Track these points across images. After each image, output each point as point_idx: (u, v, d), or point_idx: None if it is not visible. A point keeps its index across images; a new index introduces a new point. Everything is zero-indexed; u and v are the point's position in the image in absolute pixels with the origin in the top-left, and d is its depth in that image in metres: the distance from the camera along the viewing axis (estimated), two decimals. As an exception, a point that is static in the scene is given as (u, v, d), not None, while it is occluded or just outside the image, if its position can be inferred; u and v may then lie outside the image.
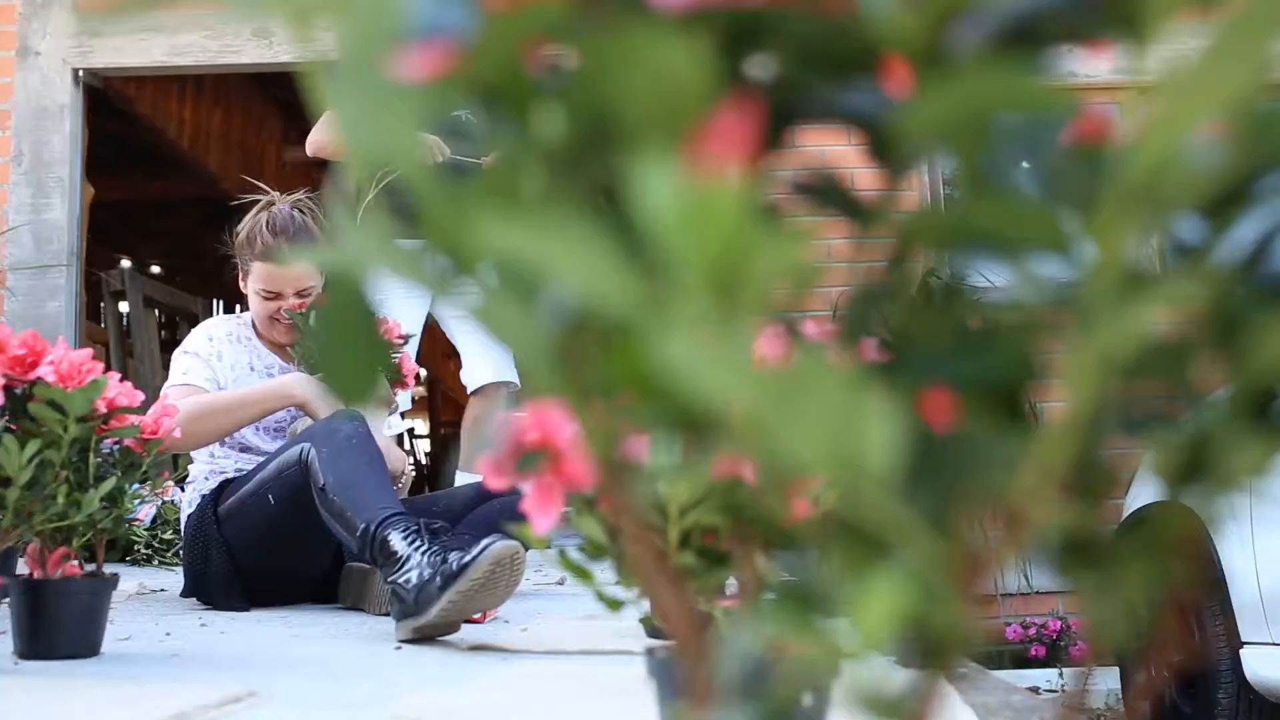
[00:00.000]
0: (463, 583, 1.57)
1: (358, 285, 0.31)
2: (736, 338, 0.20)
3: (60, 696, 1.19)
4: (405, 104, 0.23)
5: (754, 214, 0.20)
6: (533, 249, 0.20)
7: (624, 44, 0.21)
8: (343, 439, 2.00)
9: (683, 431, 0.24)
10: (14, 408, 1.41)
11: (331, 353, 0.31)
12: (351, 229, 0.30)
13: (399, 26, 0.23)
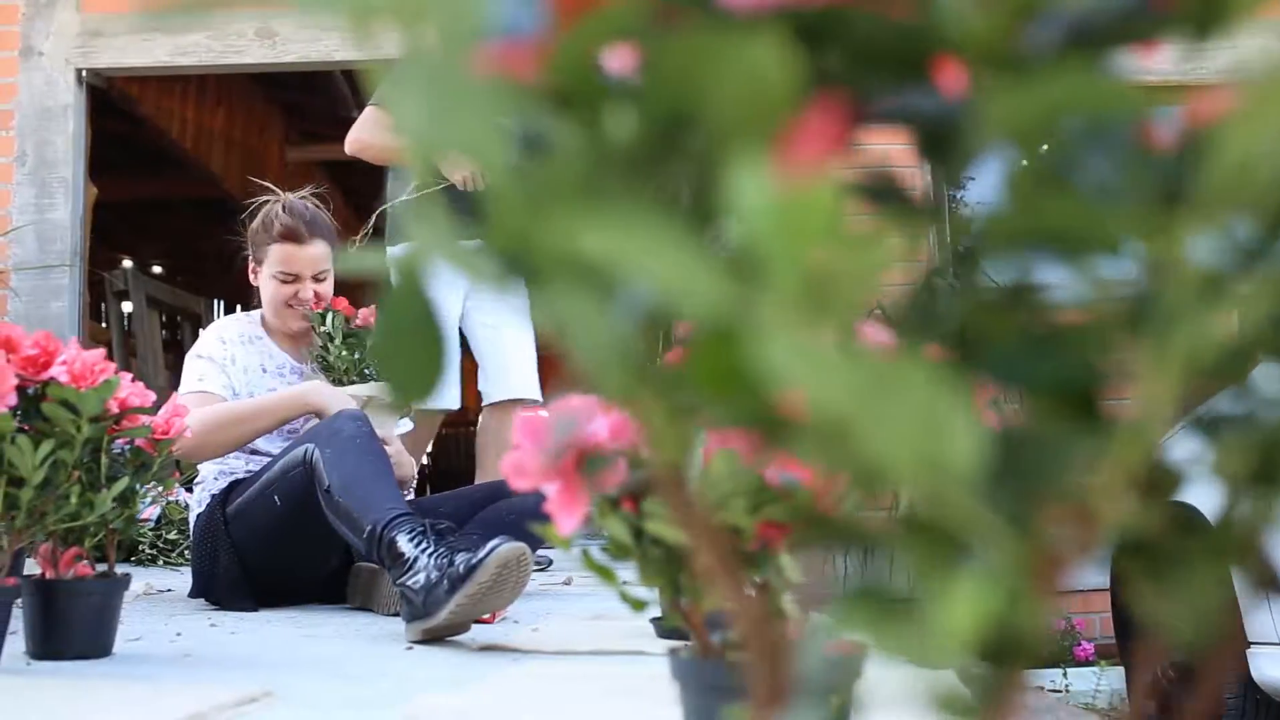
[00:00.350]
0: (470, 585, 1.57)
1: (419, 282, 0.31)
2: (829, 338, 0.20)
3: (75, 697, 1.19)
4: (490, 104, 0.23)
5: (845, 216, 0.20)
6: (623, 250, 0.20)
7: (710, 46, 0.21)
8: (346, 439, 1.99)
9: (756, 432, 0.24)
10: (26, 408, 1.41)
11: (392, 350, 0.31)
12: (415, 225, 0.30)
13: (481, 26, 0.23)
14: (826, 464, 0.23)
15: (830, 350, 0.20)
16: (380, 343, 0.31)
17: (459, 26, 0.23)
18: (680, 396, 0.25)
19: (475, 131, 0.23)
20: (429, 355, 0.31)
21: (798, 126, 0.22)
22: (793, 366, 0.20)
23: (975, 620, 0.22)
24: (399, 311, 0.31)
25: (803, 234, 0.20)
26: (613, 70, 0.26)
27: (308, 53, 4.85)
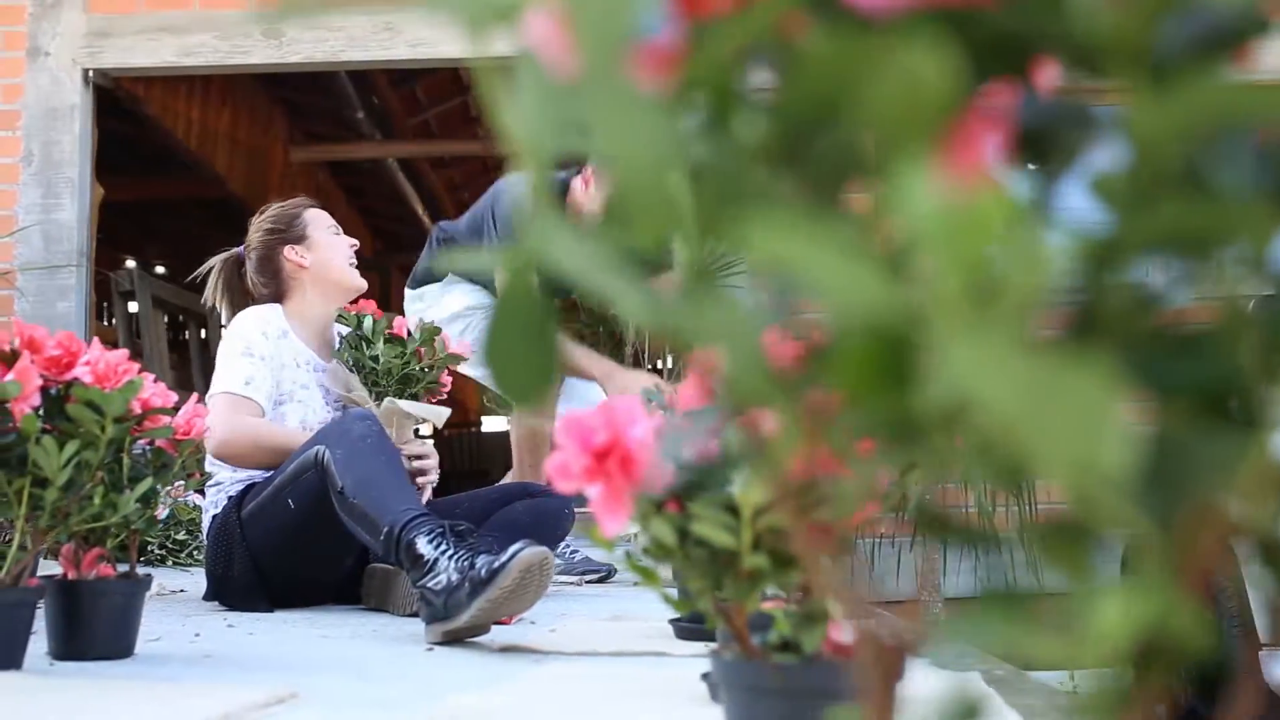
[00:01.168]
0: (492, 590, 1.57)
1: (530, 286, 0.30)
2: (998, 341, 0.20)
3: (103, 698, 1.18)
4: (652, 107, 0.23)
5: (1012, 222, 0.20)
6: (790, 252, 0.20)
7: (865, 50, 0.21)
8: (355, 439, 1.98)
9: (902, 437, 0.24)
10: (49, 408, 1.41)
11: (505, 354, 0.31)
12: (536, 227, 0.30)
13: (633, 29, 0.23)
14: (968, 465, 0.23)
15: (1000, 352, 0.20)
16: (492, 346, 0.31)
17: (610, 29, 0.23)
18: (814, 399, 0.25)
19: (636, 137, 0.23)
20: (541, 359, 0.30)
21: (959, 130, 0.22)
22: (963, 368, 0.20)
23: (1129, 625, 0.22)
24: (510, 315, 0.30)
25: (973, 238, 0.20)
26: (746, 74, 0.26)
27: (314, 53, 4.84)
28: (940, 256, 0.20)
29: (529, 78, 0.29)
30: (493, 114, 0.31)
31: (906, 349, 0.21)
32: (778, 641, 0.80)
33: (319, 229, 2.48)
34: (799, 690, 0.76)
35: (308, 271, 2.43)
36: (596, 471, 0.76)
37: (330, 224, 2.53)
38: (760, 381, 0.24)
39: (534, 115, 0.29)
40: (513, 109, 0.30)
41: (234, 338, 2.32)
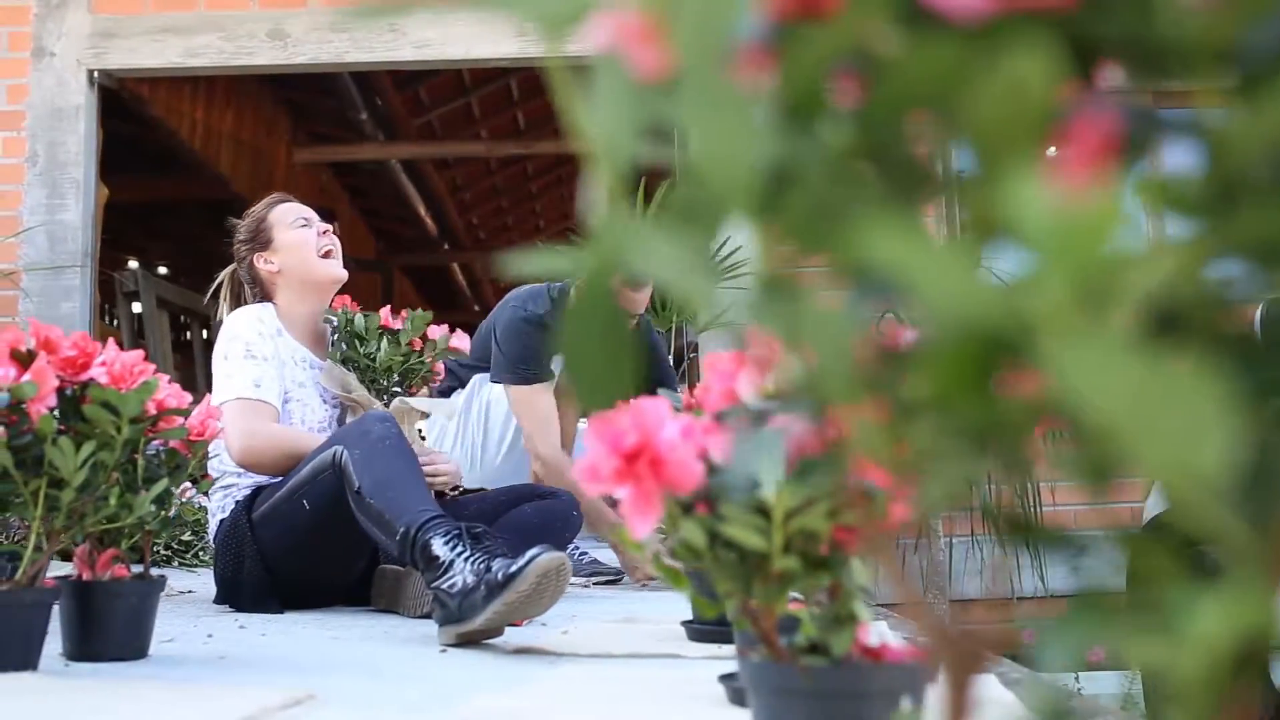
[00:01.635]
0: (509, 593, 1.56)
1: (607, 288, 0.30)
2: (1109, 344, 0.20)
3: (122, 699, 1.18)
4: (750, 110, 0.23)
5: (1123, 225, 0.20)
6: (895, 256, 0.20)
7: (967, 55, 0.21)
8: (375, 440, 1.97)
9: (988, 439, 0.24)
10: (64, 409, 1.41)
11: (581, 355, 0.31)
12: (613, 230, 0.30)
13: (734, 31, 0.23)
14: (1067, 467, 0.23)
15: (1110, 356, 0.20)
16: (570, 349, 0.31)
17: (711, 30, 0.23)
18: (904, 401, 0.25)
19: (733, 139, 0.23)
20: (618, 362, 0.30)
21: (1067, 134, 0.22)
22: (1072, 370, 0.20)
23: (1229, 629, 0.22)
24: (587, 317, 0.30)
25: (1086, 242, 0.20)
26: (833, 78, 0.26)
27: (319, 54, 4.84)
28: (1052, 261, 0.20)
29: (607, 78, 0.29)
30: (568, 114, 0.31)
31: (1005, 351, 0.21)
32: (805, 644, 0.80)
33: (282, 229, 2.43)
34: (828, 692, 0.76)
35: (280, 275, 2.41)
36: (626, 473, 0.76)
37: (294, 219, 2.44)
38: (849, 382, 0.24)
39: (612, 116, 0.29)
40: (589, 110, 0.30)
41: (232, 340, 2.29)
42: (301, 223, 2.43)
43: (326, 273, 2.42)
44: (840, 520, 0.74)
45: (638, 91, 0.29)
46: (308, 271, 2.41)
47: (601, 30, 0.29)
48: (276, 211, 2.46)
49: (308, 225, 2.44)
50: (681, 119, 0.24)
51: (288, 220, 2.44)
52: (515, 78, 7.39)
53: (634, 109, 0.29)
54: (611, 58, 0.29)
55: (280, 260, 2.41)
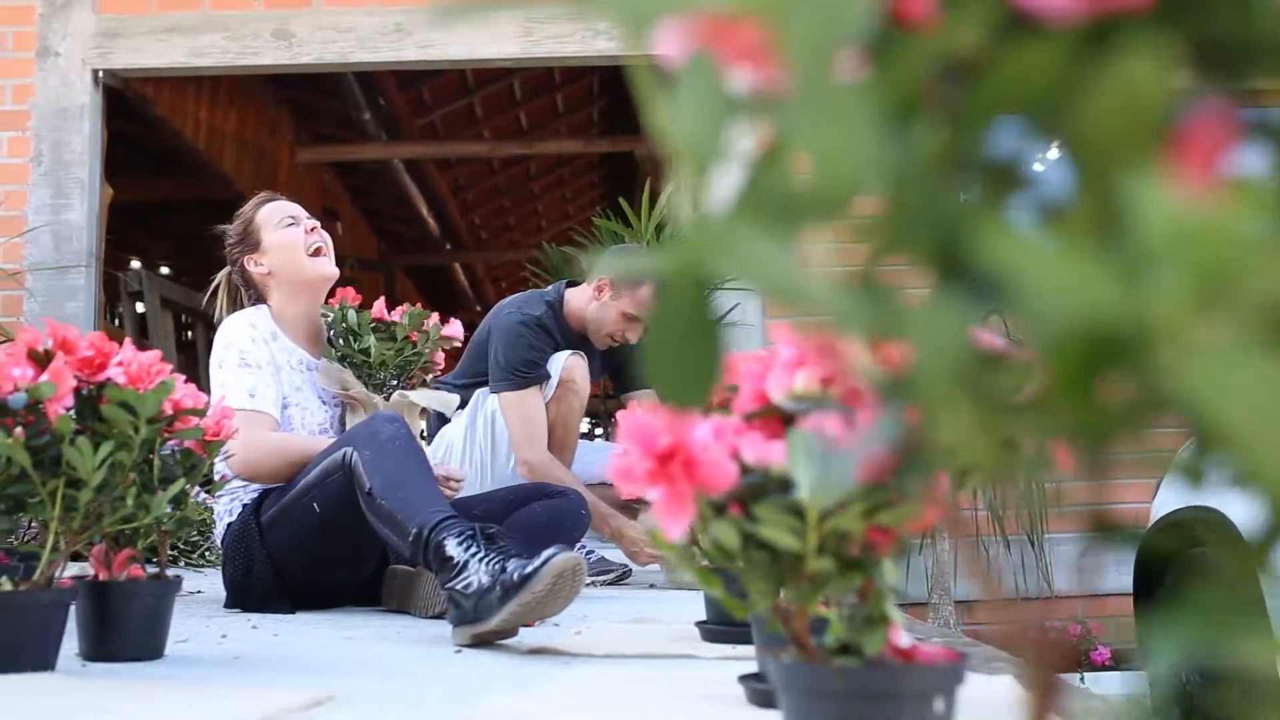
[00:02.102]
0: (524, 594, 1.56)
1: (696, 288, 0.30)
2: (1236, 350, 0.20)
3: (140, 699, 1.18)
4: (863, 114, 0.23)
5: (1247, 229, 0.20)
6: (1012, 259, 0.20)
7: (1074, 58, 0.21)
8: (385, 440, 1.97)
9: (1100, 439, 0.24)
10: (81, 409, 1.41)
11: (666, 355, 0.31)
12: (696, 231, 0.30)
13: (851, 34, 0.23)
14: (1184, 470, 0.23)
15: (1235, 359, 0.20)
16: (654, 349, 0.31)
17: (826, 32, 0.23)
18: (1005, 402, 0.25)
19: (846, 142, 0.23)
20: (705, 363, 0.30)
21: (1184, 136, 0.22)
22: (1197, 373, 0.20)
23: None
24: (673, 317, 0.30)
25: (1211, 245, 0.20)
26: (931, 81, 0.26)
27: (324, 54, 4.84)
28: (1175, 264, 0.20)
29: (694, 78, 0.29)
30: (649, 113, 0.31)
31: (1118, 353, 0.21)
32: (836, 644, 0.80)
33: (269, 229, 2.40)
34: (861, 693, 0.76)
35: (271, 277, 2.39)
36: (659, 474, 0.76)
37: (281, 217, 2.41)
38: (951, 382, 0.24)
39: (698, 117, 0.29)
40: (672, 109, 0.30)
41: (226, 348, 2.28)
42: (289, 221, 2.40)
43: (317, 271, 2.40)
44: (874, 521, 0.74)
45: (725, 92, 0.29)
46: (298, 271, 2.39)
47: (689, 30, 0.29)
48: (263, 212, 2.43)
49: (295, 224, 2.40)
50: (793, 122, 0.24)
51: (274, 220, 2.41)
52: (518, 78, 7.39)
53: (720, 110, 0.29)
54: (699, 58, 0.29)
55: (270, 261, 2.39)
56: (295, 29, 4.86)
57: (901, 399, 0.26)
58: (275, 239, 2.39)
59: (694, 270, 0.30)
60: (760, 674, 1.27)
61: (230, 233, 2.48)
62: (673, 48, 0.30)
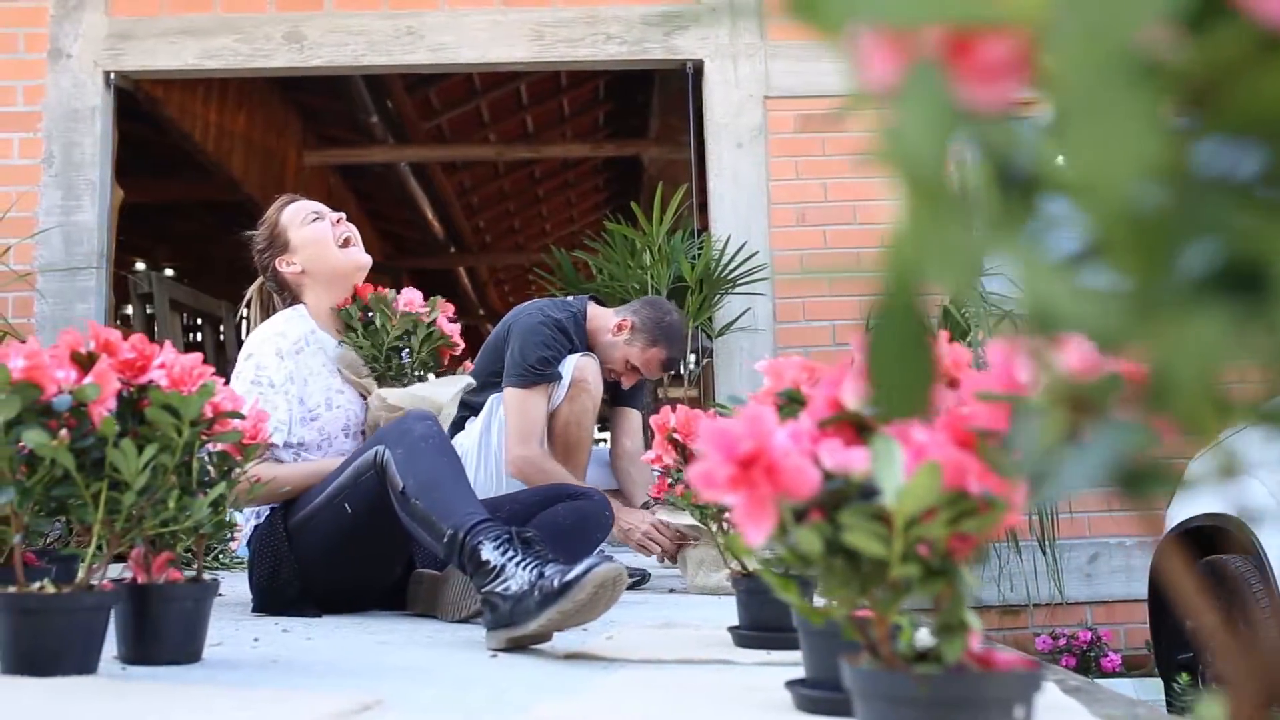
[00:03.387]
0: (565, 602, 1.56)
1: (913, 295, 0.30)
2: None
3: (187, 703, 1.18)
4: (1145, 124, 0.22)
5: None
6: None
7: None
8: (417, 438, 1.95)
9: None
10: (122, 411, 1.41)
11: (883, 367, 0.30)
12: (915, 244, 0.30)
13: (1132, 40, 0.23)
14: None
15: None
16: (872, 361, 0.30)
17: (1112, 38, 0.22)
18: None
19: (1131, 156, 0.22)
20: (921, 375, 0.30)
21: None
22: None
23: None
24: (890, 327, 0.30)
25: None
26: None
27: (335, 57, 4.84)
28: None
29: (917, 90, 0.29)
30: (871, 130, 0.31)
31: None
32: (911, 651, 0.80)
33: (296, 228, 2.39)
34: (944, 700, 0.75)
35: (305, 275, 2.37)
36: (741, 480, 0.76)
37: (306, 215, 2.40)
38: (1205, 398, 0.24)
39: (920, 129, 0.29)
40: (894, 122, 0.30)
41: (245, 359, 2.26)
42: (314, 217, 2.40)
43: (350, 260, 2.38)
44: (957, 528, 0.73)
45: (952, 106, 0.29)
46: (330, 264, 2.37)
47: (912, 42, 0.29)
48: (288, 212, 2.43)
49: (320, 218, 2.41)
50: (1068, 133, 0.24)
51: (299, 218, 2.40)
52: (524, 82, 7.39)
53: (946, 124, 0.29)
54: (924, 70, 0.29)
55: (301, 259, 2.37)
56: (307, 31, 4.86)
57: (1150, 408, 0.26)
58: (303, 236, 2.38)
59: (910, 285, 0.30)
60: (807, 680, 1.27)
61: (257, 239, 2.46)
62: (889, 60, 0.30)
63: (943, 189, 0.29)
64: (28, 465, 1.33)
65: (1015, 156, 0.29)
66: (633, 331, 3.16)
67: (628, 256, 4.54)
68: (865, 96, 0.32)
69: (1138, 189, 0.23)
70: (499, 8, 4.91)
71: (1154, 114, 0.22)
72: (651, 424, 1.95)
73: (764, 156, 4.85)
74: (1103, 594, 4.71)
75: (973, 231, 0.29)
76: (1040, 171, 0.29)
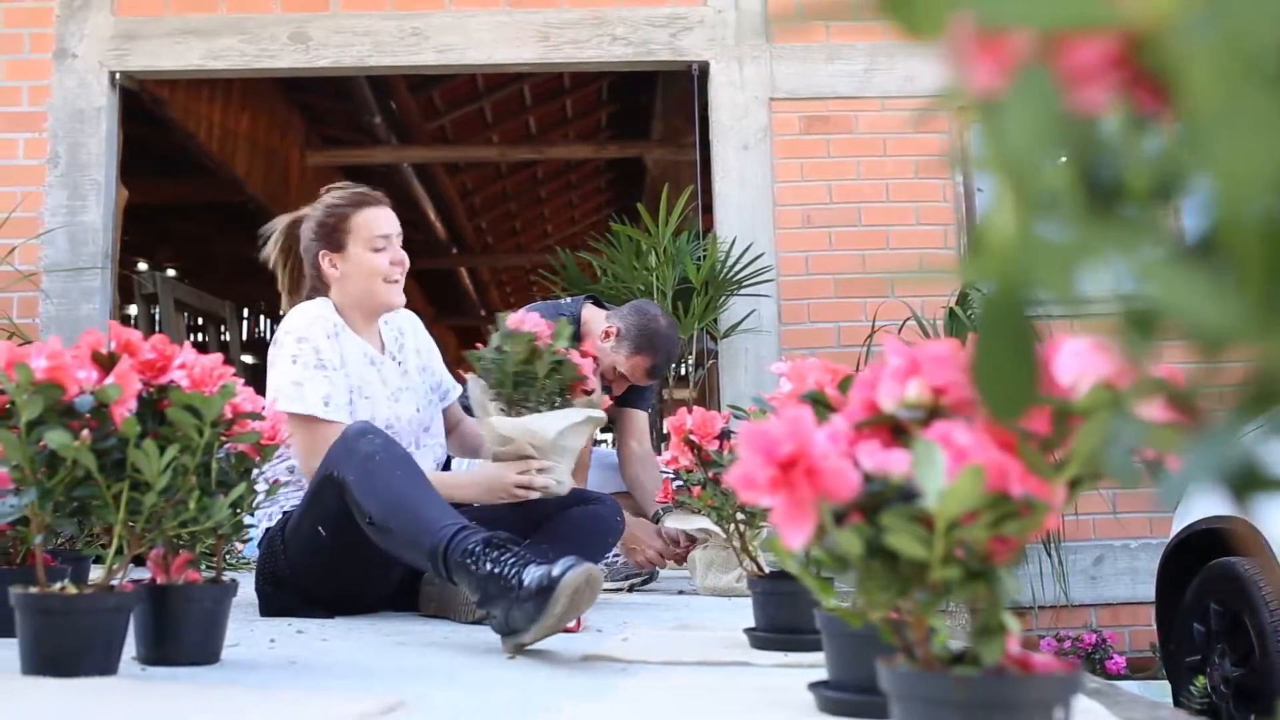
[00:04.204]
0: (546, 617, 1.56)
1: (1020, 297, 0.30)
2: None
3: (213, 705, 1.18)
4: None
5: None
6: None
7: None
8: (363, 458, 1.90)
9: None
10: (142, 411, 1.41)
11: (991, 369, 0.30)
12: (1024, 247, 0.30)
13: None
14: None
15: None
16: (980, 363, 0.30)
17: (1257, 38, 0.22)
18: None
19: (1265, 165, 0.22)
20: (1027, 377, 0.30)
21: None
22: None
23: None
24: (997, 330, 0.30)
25: None
26: None
27: (341, 58, 4.84)
28: None
29: (1026, 94, 0.29)
30: (975, 131, 0.31)
31: None
32: (947, 653, 0.80)
33: (358, 242, 2.30)
34: (983, 703, 0.75)
35: (339, 281, 2.33)
36: (781, 482, 0.76)
37: (374, 236, 2.31)
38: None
39: (1028, 131, 0.29)
40: (999, 124, 0.29)
41: (301, 341, 2.21)
42: (380, 244, 2.31)
43: (387, 301, 2.34)
44: (999, 531, 0.73)
45: (1061, 110, 0.29)
46: (369, 295, 2.32)
47: (1024, 44, 0.29)
48: (360, 218, 2.32)
49: (385, 249, 2.32)
50: (1200, 136, 0.24)
51: (367, 235, 2.30)
52: (528, 83, 7.39)
53: (1054, 128, 0.29)
54: (1034, 74, 0.29)
55: (345, 269, 2.31)
56: (313, 32, 4.86)
57: (1257, 409, 0.26)
58: (361, 257, 2.30)
59: (1017, 288, 0.30)
60: (830, 681, 1.27)
61: (314, 219, 2.35)
62: (995, 62, 0.30)
63: (1047, 191, 0.29)
64: (48, 466, 1.33)
65: (1120, 158, 0.29)
66: (618, 339, 3.15)
67: (633, 258, 4.53)
68: (958, 98, 0.32)
69: (1270, 193, 0.23)
70: (505, 9, 4.91)
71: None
72: (667, 425, 1.95)
73: (769, 158, 4.85)
74: (1107, 596, 4.71)
75: (1076, 233, 0.29)
76: (1146, 174, 0.29)
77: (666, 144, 7.05)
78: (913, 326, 4.46)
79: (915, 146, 4.91)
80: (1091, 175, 0.30)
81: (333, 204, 2.36)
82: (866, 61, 4.92)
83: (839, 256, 4.84)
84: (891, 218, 4.86)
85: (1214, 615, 3.06)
